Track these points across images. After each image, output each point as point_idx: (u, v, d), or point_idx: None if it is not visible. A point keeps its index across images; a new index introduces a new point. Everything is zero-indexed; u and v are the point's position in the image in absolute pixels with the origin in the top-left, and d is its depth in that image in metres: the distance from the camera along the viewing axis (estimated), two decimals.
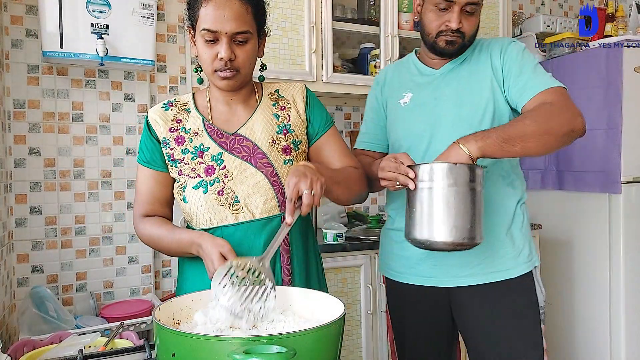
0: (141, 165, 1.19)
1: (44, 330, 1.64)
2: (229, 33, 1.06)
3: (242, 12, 1.07)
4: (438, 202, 1.08)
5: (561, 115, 1.16)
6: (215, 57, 1.08)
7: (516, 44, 1.33)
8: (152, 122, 1.18)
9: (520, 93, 1.25)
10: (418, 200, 1.11)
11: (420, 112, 1.35)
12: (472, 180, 1.09)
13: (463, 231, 1.08)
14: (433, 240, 1.09)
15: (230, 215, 1.12)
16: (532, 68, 1.27)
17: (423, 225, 1.10)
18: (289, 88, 1.26)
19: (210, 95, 1.21)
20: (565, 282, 2.61)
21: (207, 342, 0.70)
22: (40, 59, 1.96)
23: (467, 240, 1.08)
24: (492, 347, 1.31)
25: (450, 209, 1.07)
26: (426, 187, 1.10)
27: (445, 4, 1.25)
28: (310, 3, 2.17)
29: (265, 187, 1.13)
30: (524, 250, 1.34)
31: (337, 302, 0.88)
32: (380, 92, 1.47)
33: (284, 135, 1.18)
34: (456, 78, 1.34)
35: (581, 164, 2.44)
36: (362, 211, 2.71)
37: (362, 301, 2.13)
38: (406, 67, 1.45)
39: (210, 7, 1.06)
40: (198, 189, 1.13)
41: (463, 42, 1.30)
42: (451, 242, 1.08)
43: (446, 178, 1.08)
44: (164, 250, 1.18)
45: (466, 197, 1.08)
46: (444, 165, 1.08)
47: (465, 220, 1.08)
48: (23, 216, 1.99)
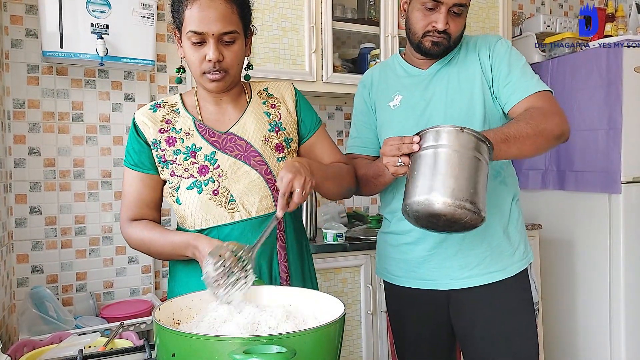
0: (128, 168, 1.17)
1: (44, 331, 1.63)
2: (215, 34, 1.05)
3: (228, 12, 1.06)
4: (441, 163, 1.01)
5: (553, 119, 1.18)
6: (203, 59, 1.07)
7: (503, 41, 1.33)
8: (140, 124, 1.16)
9: (509, 94, 1.26)
10: (419, 163, 1.04)
11: (411, 114, 1.34)
12: (477, 149, 1.03)
13: (465, 193, 0.98)
14: (432, 200, 0.99)
15: (226, 214, 1.12)
16: (521, 69, 1.28)
17: (423, 187, 1.01)
18: (277, 87, 1.25)
19: (199, 96, 1.20)
20: (566, 281, 2.61)
21: (207, 342, 0.70)
22: (40, 58, 1.96)
23: (469, 204, 0.98)
24: (490, 345, 1.31)
25: (454, 170, 1.00)
26: (430, 150, 1.03)
27: (433, 4, 1.24)
28: (310, 3, 2.17)
29: (260, 185, 1.13)
30: (520, 247, 1.34)
31: (337, 302, 0.88)
32: (369, 95, 1.46)
33: (276, 133, 1.18)
34: (445, 78, 1.33)
35: (581, 164, 2.44)
36: (362, 211, 2.71)
37: (362, 301, 2.13)
38: (392, 69, 1.44)
39: (195, 8, 1.04)
40: (192, 190, 1.12)
41: (449, 44, 1.29)
42: (452, 202, 0.97)
43: (452, 141, 1.02)
44: (155, 254, 1.16)
45: (471, 163, 1.01)
46: (451, 129, 1.03)
47: (469, 184, 1.00)
48: (23, 216, 1.99)
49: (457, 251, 1.30)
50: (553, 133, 1.17)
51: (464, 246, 1.30)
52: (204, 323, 0.86)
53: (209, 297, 0.94)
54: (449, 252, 1.31)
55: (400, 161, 1.07)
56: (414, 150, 1.06)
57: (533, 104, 1.21)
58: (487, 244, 1.30)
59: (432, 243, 1.31)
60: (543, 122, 1.16)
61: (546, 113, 1.18)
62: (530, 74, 1.27)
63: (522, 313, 1.32)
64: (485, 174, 1.04)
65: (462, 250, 1.30)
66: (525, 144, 1.13)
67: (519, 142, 1.12)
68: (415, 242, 1.34)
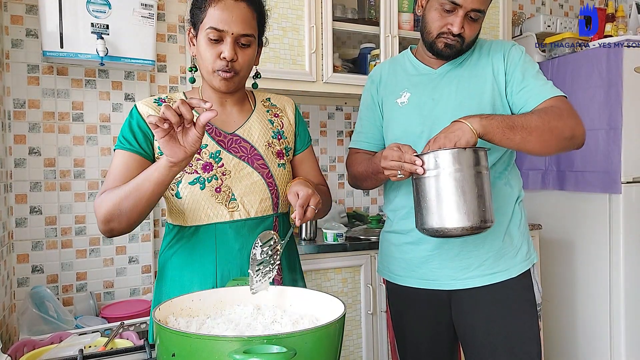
0: (122, 150, 1.10)
1: (44, 331, 1.64)
2: (234, 34, 1.08)
3: (249, 17, 1.10)
4: (448, 188, 1.08)
5: (567, 120, 1.18)
6: (217, 56, 1.09)
7: (517, 47, 1.33)
8: (144, 115, 1.13)
9: (525, 100, 1.26)
10: (426, 189, 1.11)
11: (418, 113, 1.34)
12: (477, 163, 1.09)
13: (477, 215, 1.08)
14: (450, 227, 1.08)
15: (226, 212, 1.13)
16: (535, 75, 1.28)
17: (435, 213, 1.10)
18: (279, 98, 1.31)
19: (204, 96, 1.21)
20: (566, 281, 2.61)
21: (207, 342, 0.70)
22: (41, 58, 1.96)
23: (481, 223, 1.08)
24: (492, 346, 1.30)
25: (461, 194, 1.07)
26: (433, 174, 1.09)
27: (451, 6, 1.24)
28: (310, 3, 2.17)
29: (261, 187, 1.16)
30: (522, 248, 1.34)
31: (337, 302, 0.88)
32: (376, 91, 1.46)
33: (278, 140, 1.23)
34: (455, 80, 1.33)
35: (581, 164, 2.44)
36: (362, 211, 2.71)
37: (362, 301, 2.13)
38: (402, 65, 1.44)
39: (219, 8, 1.08)
40: (195, 185, 1.12)
41: (461, 47, 1.30)
42: (469, 226, 1.08)
43: (452, 164, 1.07)
44: (131, 201, 0.99)
45: (475, 181, 1.08)
46: (449, 152, 1.08)
47: (478, 203, 1.08)
48: (23, 216, 1.99)
49: (459, 252, 1.30)
50: (563, 133, 1.17)
51: (466, 247, 1.30)
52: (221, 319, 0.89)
53: (209, 296, 0.95)
54: (451, 253, 1.31)
55: (400, 174, 1.14)
56: (419, 173, 1.11)
57: (551, 105, 1.22)
58: (489, 245, 1.30)
59: (433, 243, 1.31)
60: (555, 120, 1.16)
61: (562, 113, 1.18)
62: (544, 80, 1.28)
63: (524, 314, 1.31)
64: (488, 183, 1.12)
65: (464, 250, 1.30)
66: (532, 135, 1.13)
67: (525, 131, 1.13)
68: (417, 242, 1.34)
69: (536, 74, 1.29)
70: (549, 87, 1.26)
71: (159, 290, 1.19)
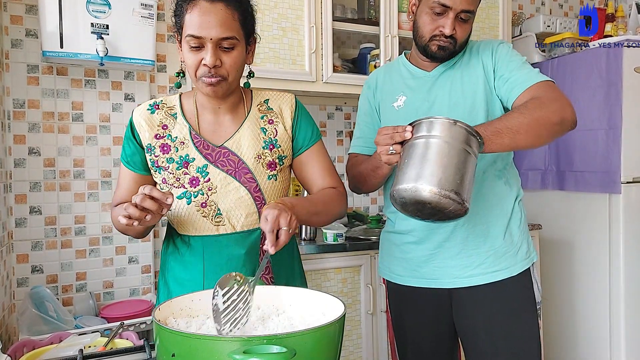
0: (122, 164, 1.20)
1: (44, 331, 1.64)
2: (214, 39, 1.04)
3: (228, 18, 1.05)
4: (431, 152, 1.03)
5: (550, 106, 1.16)
6: (199, 63, 1.06)
7: (505, 44, 1.35)
8: (137, 126, 1.16)
9: (510, 89, 1.27)
10: (410, 152, 1.05)
11: (414, 115, 1.34)
12: (466, 142, 1.04)
13: (452, 184, 1.00)
14: (419, 187, 1.00)
15: (212, 226, 1.14)
16: (520, 65, 1.29)
17: (412, 171, 1.02)
18: (278, 99, 1.23)
19: (197, 102, 1.19)
20: (565, 281, 2.61)
21: (207, 342, 0.70)
22: (40, 58, 1.96)
23: (456, 196, 1.00)
24: (492, 344, 1.31)
25: (443, 160, 1.01)
26: (422, 139, 1.05)
27: (441, 9, 1.25)
28: (310, 3, 2.17)
29: (247, 202, 1.14)
30: (522, 247, 1.35)
31: (337, 302, 0.88)
32: (373, 96, 1.47)
33: (270, 150, 1.18)
34: (449, 81, 1.35)
35: (581, 164, 2.44)
36: (362, 211, 2.71)
37: (362, 301, 2.13)
38: (397, 70, 1.46)
39: (195, 13, 1.04)
40: (182, 199, 1.13)
41: (454, 49, 1.31)
42: (438, 191, 0.99)
43: (444, 132, 1.04)
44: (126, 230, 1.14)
45: (458, 154, 1.03)
46: (444, 121, 1.05)
47: (457, 176, 1.01)
48: (23, 216, 1.99)
49: (460, 250, 1.31)
50: (550, 120, 1.14)
51: (467, 246, 1.31)
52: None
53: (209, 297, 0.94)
54: (452, 252, 1.31)
55: (392, 149, 1.08)
56: (406, 138, 1.06)
57: (533, 95, 1.20)
58: (489, 243, 1.31)
59: (435, 242, 1.32)
60: (538, 110, 1.14)
61: (543, 101, 1.16)
62: (529, 69, 1.28)
63: (524, 312, 1.32)
64: (473, 167, 1.06)
65: (465, 249, 1.31)
66: (519, 133, 1.11)
67: (511, 132, 1.11)
68: (418, 242, 1.35)
69: (522, 65, 1.29)
70: (534, 74, 1.25)
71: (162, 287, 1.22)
